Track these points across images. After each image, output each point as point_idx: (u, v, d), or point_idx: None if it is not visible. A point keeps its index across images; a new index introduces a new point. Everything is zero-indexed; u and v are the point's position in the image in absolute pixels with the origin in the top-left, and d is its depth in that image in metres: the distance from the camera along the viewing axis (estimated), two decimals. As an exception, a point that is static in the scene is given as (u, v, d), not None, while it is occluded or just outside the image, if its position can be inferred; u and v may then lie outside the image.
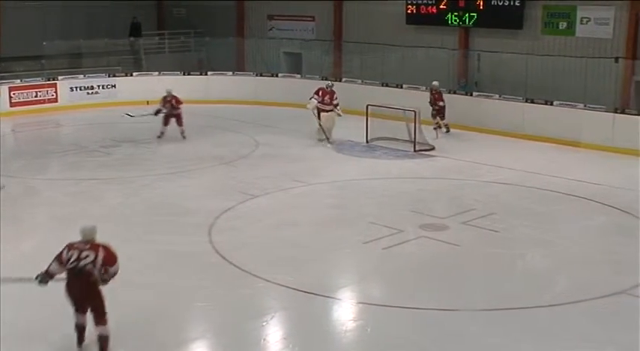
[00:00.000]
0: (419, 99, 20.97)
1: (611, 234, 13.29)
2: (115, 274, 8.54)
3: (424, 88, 21.90)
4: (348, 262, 12.14)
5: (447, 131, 21.00)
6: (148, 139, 20.58)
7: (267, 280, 10.96)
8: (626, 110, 19.37)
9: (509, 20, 22.59)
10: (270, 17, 29.01)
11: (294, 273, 11.29)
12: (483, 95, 21.82)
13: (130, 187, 16.05)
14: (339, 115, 20.06)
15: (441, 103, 20.90)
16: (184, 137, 20.33)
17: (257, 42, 28.63)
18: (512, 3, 22.36)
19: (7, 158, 17.92)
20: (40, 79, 25.07)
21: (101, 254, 8.44)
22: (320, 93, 20.08)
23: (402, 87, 21.99)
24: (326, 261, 11.93)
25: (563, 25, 21.82)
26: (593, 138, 19.16)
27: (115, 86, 25.81)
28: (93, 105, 25.16)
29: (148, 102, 25.15)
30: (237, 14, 29.84)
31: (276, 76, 26.31)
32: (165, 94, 20.34)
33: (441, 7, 23.82)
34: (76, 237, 8.66)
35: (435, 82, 21.20)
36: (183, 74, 26.19)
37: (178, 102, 20.34)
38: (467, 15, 23.34)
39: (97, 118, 23.75)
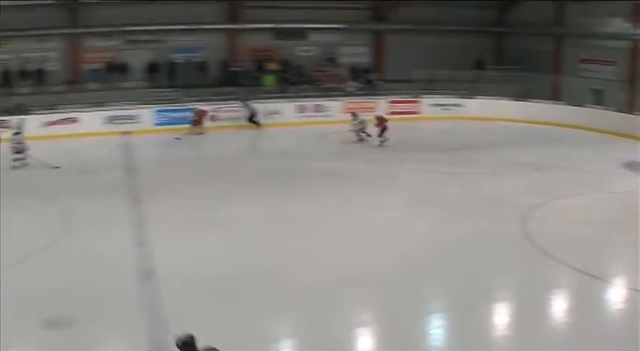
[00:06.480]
0: None
1: None
2: None
3: None
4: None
5: None
6: (484, 144, 20.78)
7: (560, 262, 10.92)
8: None
9: None
10: (583, 61, 27.76)
11: (584, 259, 10.94)
12: None
13: (465, 180, 16.54)
14: None
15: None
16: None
17: (569, 79, 27.55)
18: None
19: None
20: (409, 96, 26.28)
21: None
22: None
23: None
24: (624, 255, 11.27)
25: None
26: None
27: (461, 105, 26.20)
28: (445, 118, 25.51)
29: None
30: (554, 56, 28.87)
31: (582, 106, 25.15)
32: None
33: None
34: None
35: None
36: (514, 100, 25.82)
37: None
38: None
39: (448, 127, 24.08)
